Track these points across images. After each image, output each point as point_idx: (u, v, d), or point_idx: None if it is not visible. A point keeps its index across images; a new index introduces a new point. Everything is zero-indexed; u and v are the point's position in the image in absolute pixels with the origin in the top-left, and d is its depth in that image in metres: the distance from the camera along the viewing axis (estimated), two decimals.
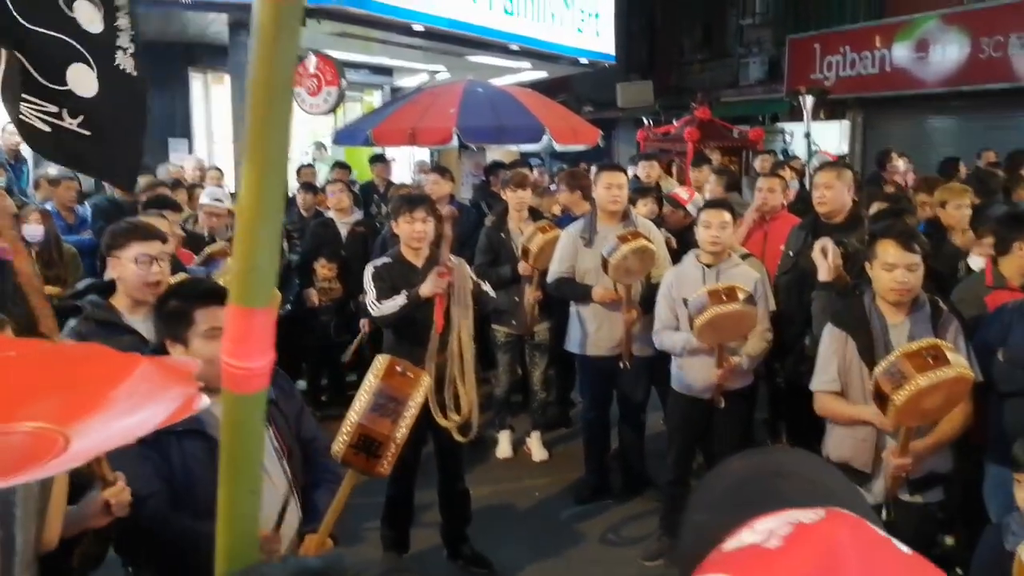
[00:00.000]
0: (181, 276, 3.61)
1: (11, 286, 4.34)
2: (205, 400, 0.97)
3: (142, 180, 7.33)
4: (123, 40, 2.50)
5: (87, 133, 2.28)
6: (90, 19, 2.34)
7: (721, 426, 4.37)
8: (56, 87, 2.23)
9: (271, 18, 0.61)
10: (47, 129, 2.26)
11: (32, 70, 2.18)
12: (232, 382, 0.70)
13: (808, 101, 10.13)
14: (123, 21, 2.51)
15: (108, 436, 0.97)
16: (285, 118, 0.65)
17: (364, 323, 5.99)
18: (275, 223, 0.66)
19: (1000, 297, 3.87)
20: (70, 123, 2.26)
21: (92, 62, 2.30)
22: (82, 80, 2.25)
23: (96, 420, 1.00)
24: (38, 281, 2.28)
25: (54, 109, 2.22)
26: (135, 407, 1.03)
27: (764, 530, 0.69)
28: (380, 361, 2.39)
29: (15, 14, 2.14)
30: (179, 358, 2.25)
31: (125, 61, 2.42)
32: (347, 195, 6.86)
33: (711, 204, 4.67)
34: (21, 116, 2.24)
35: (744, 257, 4.67)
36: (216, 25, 9.44)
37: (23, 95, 2.21)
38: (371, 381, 2.31)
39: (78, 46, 2.28)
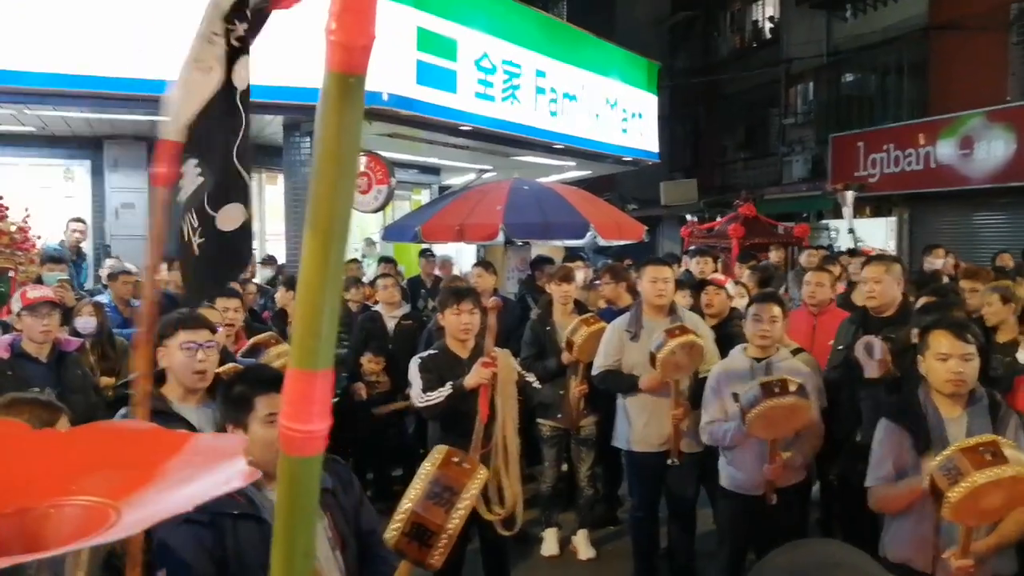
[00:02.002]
0: (231, 366, 3.66)
1: (72, 376, 4.47)
2: (255, 473, 0.99)
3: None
4: None
5: (196, 254, 2.28)
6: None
7: (774, 524, 4.24)
8: (208, 209, 2.24)
9: (337, 89, 0.64)
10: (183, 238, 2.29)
11: (207, 187, 2.21)
12: (290, 445, 0.71)
13: (848, 197, 10.17)
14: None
15: (159, 509, 1.00)
16: (349, 187, 0.67)
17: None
18: (336, 289, 0.68)
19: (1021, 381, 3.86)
20: (193, 239, 2.26)
21: (244, 207, 2.32)
22: (230, 217, 2.26)
23: (148, 494, 1.03)
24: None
25: (195, 224, 2.24)
26: (186, 481, 1.05)
27: None
28: (438, 451, 2.40)
29: (232, 151, 2.19)
30: (229, 435, 2.28)
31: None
32: (397, 289, 6.96)
33: (762, 298, 4.62)
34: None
35: (796, 351, 4.61)
36: (272, 126, 9.80)
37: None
38: (427, 469, 2.30)
39: (246, 192, 2.33)
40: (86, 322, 5.32)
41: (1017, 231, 13.37)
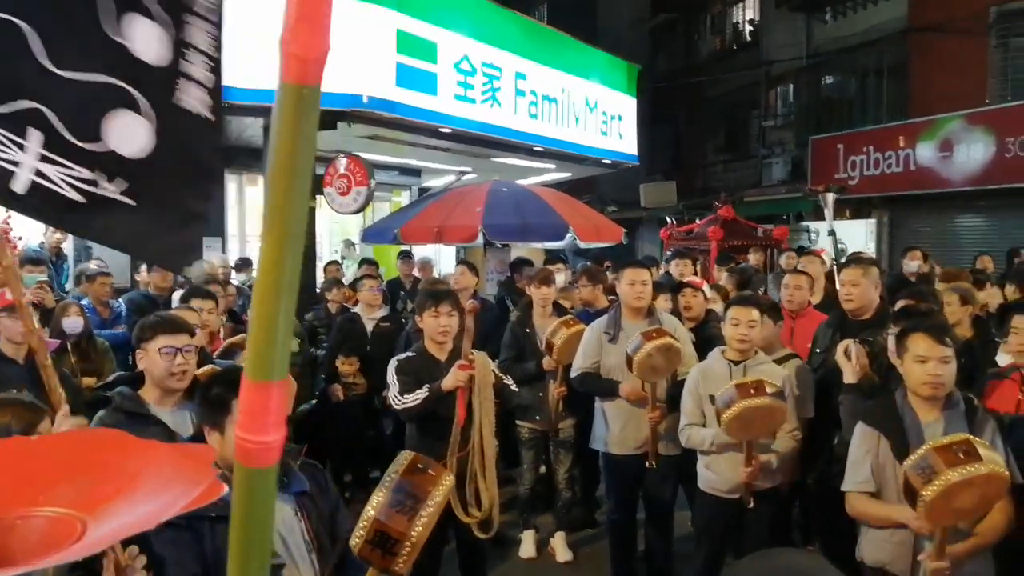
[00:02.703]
0: (208, 368, 3.64)
1: None
2: (221, 487, 0.98)
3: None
4: (194, 65, 1.73)
5: (131, 203, 1.72)
6: (147, 43, 1.68)
7: (752, 527, 4.25)
8: (88, 146, 1.66)
9: (292, 101, 0.63)
10: (80, 199, 1.68)
11: (59, 126, 1.64)
12: (245, 457, 0.69)
13: (829, 199, 10.22)
14: (201, 34, 1.74)
15: (127, 522, 0.99)
16: (304, 195, 0.66)
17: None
18: (292, 297, 0.67)
19: (996, 385, 3.93)
20: (109, 190, 1.70)
21: (142, 106, 1.70)
22: (126, 133, 1.67)
23: (116, 506, 1.02)
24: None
25: (88, 175, 1.67)
26: (155, 493, 1.04)
27: None
28: (403, 457, 2.38)
29: (40, 60, 1.62)
30: (198, 445, 2.27)
31: (191, 95, 1.73)
32: (379, 291, 6.94)
33: (740, 301, 4.59)
34: (44, 181, 1.65)
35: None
36: (252, 129, 9.74)
37: (51, 155, 1.66)
38: (391, 476, 2.29)
39: (123, 85, 1.68)
40: (74, 323, 5.36)
41: (997, 234, 13.48)
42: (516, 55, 10.95)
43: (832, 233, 10.51)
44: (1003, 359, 4.50)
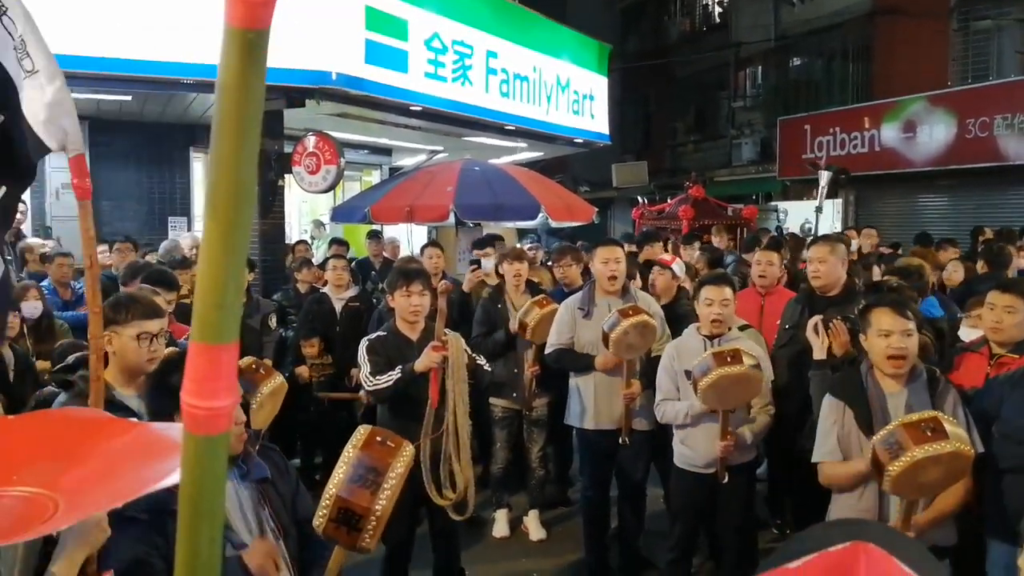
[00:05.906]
0: (172, 350, 3.58)
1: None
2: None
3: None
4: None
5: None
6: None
7: (725, 502, 4.28)
8: None
9: (237, 46, 0.60)
10: None
11: None
12: (195, 424, 0.66)
13: (824, 176, 10.29)
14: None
15: (97, 500, 0.97)
16: (252, 152, 0.63)
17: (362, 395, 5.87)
18: (240, 257, 0.64)
19: (964, 358, 3.97)
20: None
21: None
22: None
23: (87, 484, 1.01)
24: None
25: None
26: (126, 472, 1.03)
27: (799, 560, 0.75)
28: (361, 431, 2.33)
29: None
30: (172, 424, 2.23)
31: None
32: (347, 271, 6.88)
33: (713, 280, 4.55)
34: None
35: (742, 328, 4.63)
36: None
37: None
38: (350, 452, 2.24)
39: None
40: (33, 307, 5.28)
41: (958, 213, 13.68)
42: (487, 33, 10.87)
43: (819, 210, 10.63)
44: (966, 334, 4.56)
